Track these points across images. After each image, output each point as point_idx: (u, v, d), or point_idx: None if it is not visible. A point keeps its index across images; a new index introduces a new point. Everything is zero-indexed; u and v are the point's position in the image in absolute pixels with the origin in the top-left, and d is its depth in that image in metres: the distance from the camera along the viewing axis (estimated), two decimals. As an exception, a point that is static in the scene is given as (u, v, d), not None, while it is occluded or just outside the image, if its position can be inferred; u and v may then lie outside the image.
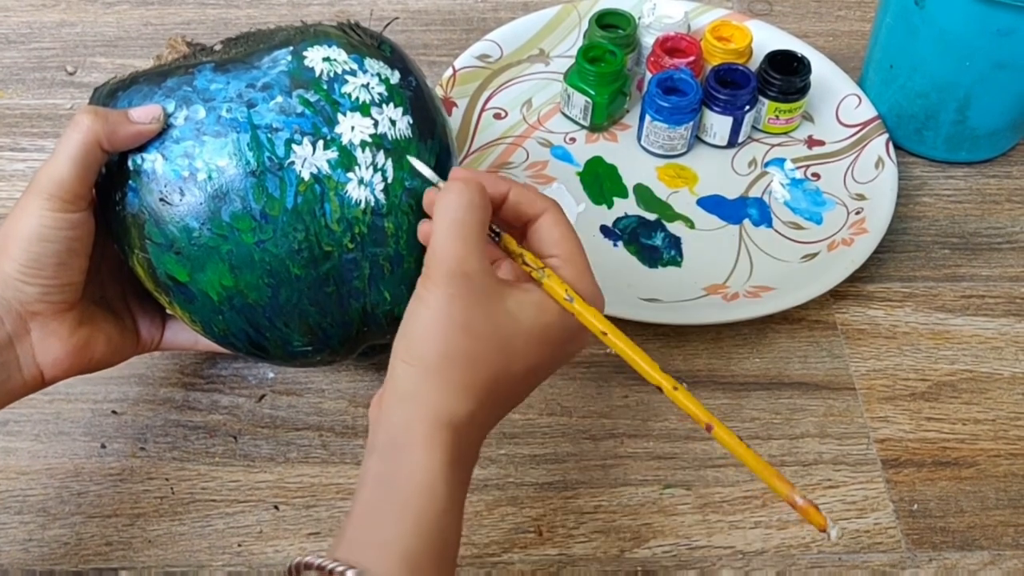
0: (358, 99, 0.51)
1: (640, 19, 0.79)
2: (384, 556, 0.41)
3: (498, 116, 0.77)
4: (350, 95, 0.51)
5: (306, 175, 0.50)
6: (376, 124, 0.51)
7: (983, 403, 0.63)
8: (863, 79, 0.79)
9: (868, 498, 0.58)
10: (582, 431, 0.61)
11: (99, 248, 0.52)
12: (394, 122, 0.52)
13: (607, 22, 0.78)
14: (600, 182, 0.73)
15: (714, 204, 0.72)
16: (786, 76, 0.74)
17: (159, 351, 0.59)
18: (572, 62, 0.75)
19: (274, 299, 0.51)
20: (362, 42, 0.53)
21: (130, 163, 0.50)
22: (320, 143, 0.50)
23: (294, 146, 0.50)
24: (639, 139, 0.75)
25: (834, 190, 0.73)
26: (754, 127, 0.77)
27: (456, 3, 0.88)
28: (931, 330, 0.66)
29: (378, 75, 0.52)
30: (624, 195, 0.72)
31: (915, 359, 0.65)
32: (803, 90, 0.75)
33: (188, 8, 0.87)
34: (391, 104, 0.52)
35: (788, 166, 0.75)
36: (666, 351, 0.65)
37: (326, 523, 0.56)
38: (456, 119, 0.75)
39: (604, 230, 0.70)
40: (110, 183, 0.51)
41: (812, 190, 0.73)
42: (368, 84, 0.52)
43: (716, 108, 0.73)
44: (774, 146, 0.76)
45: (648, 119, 0.73)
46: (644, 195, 0.72)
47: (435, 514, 0.42)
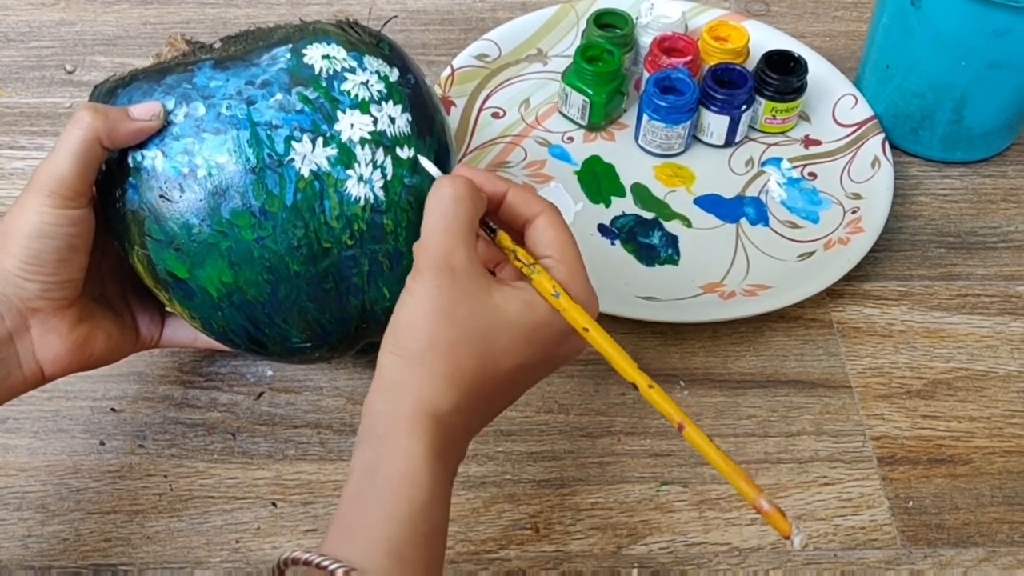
0: (357, 96, 0.51)
1: (638, 19, 0.79)
2: (370, 546, 0.41)
3: (496, 115, 0.77)
4: (349, 92, 0.51)
5: (305, 172, 0.50)
6: (375, 121, 0.52)
7: (978, 401, 0.63)
8: (859, 79, 0.79)
9: (864, 495, 0.58)
10: (579, 428, 0.61)
11: (99, 245, 0.52)
12: (393, 119, 0.52)
13: (605, 22, 0.78)
14: (598, 181, 0.73)
15: (711, 203, 0.72)
16: (783, 76, 0.74)
17: (158, 348, 0.59)
18: (570, 62, 0.76)
19: (273, 295, 0.51)
20: (361, 40, 0.54)
21: (130, 160, 0.50)
22: (319, 140, 0.50)
23: (293, 143, 0.50)
24: (636, 138, 0.75)
25: (830, 189, 0.73)
26: (751, 127, 0.77)
27: (454, 3, 0.88)
28: (927, 328, 0.66)
29: (377, 72, 0.53)
30: (622, 194, 0.73)
31: (911, 357, 0.65)
32: (800, 90, 0.75)
33: (187, 7, 0.87)
34: (390, 101, 0.52)
35: (785, 165, 0.75)
36: (663, 349, 0.65)
37: (323, 520, 0.57)
38: (454, 118, 0.76)
39: (602, 229, 0.70)
40: (110, 180, 0.51)
41: (809, 189, 0.73)
42: (367, 81, 0.52)
43: (713, 108, 0.74)
44: (771, 145, 0.76)
45: (646, 118, 0.73)
46: (641, 194, 0.73)
47: (420, 504, 0.42)
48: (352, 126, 0.51)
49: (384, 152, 0.51)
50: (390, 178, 0.51)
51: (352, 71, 0.52)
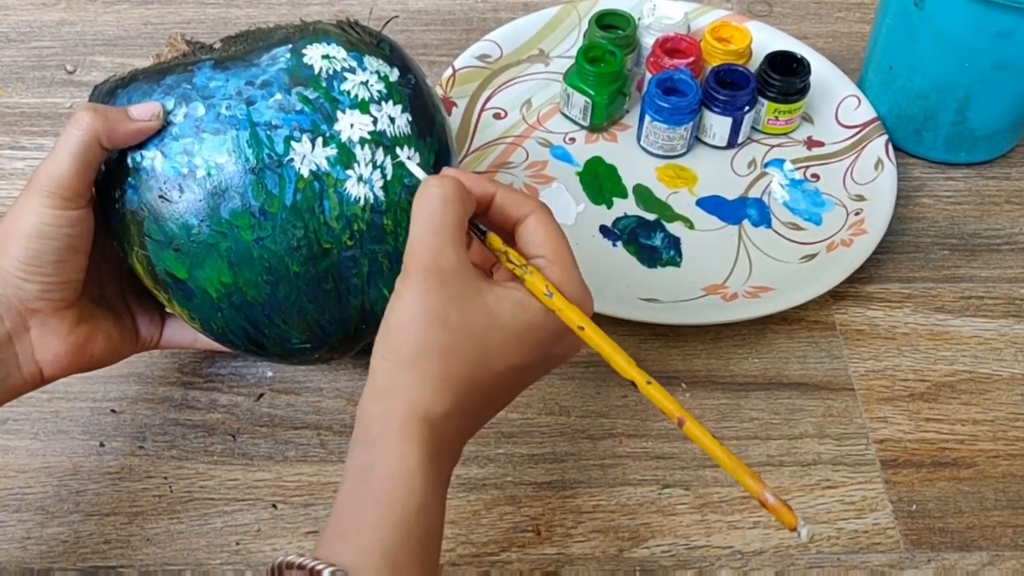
0: (357, 96, 0.51)
1: (640, 20, 0.79)
2: (363, 549, 0.41)
3: (498, 116, 0.77)
4: (349, 92, 0.51)
5: (305, 172, 0.50)
6: (375, 121, 0.51)
7: (982, 404, 0.63)
8: (862, 80, 0.79)
9: (867, 498, 0.58)
10: (580, 431, 0.61)
11: (98, 246, 0.52)
12: (393, 119, 0.52)
13: (607, 22, 0.78)
14: (600, 182, 0.73)
15: (713, 205, 0.72)
16: (786, 77, 0.74)
17: (158, 349, 0.59)
18: (572, 62, 0.75)
19: (273, 296, 0.51)
20: (361, 40, 0.53)
21: (129, 160, 0.50)
22: (319, 140, 0.50)
23: (293, 143, 0.50)
24: (639, 139, 0.75)
25: (833, 191, 0.73)
26: (754, 128, 0.77)
27: (456, 3, 0.88)
28: (930, 331, 0.66)
29: (377, 72, 0.52)
30: (623, 195, 0.72)
31: (914, 360, 0.65)
32: (802, 91, 0.75)
33: (188, 7, 0.87)
34: (390, 101, 0.52)
35: (787, 167, 0.75)
36: (665, 351, 0.65)
37: (324, 522, 0.56)
38: (456, 119, 0.75)
39: (603, 230, 0.70)
40: (109, 180, 0.51)
41: (811, 191, 0.73)
42: (367, 81, 0.52)
43: (716, 109, 0.73)
44: (773, 147, 0.76)
45: (648, 119, 0.73)
46: (643, 195, 0.73)
47: (414, 507, 0.42)
48: (352, 126, 0.51)
49: (384, 152, 0.51)
50: (390, 178, 0.51)
51: (352, 71, 0.52)
